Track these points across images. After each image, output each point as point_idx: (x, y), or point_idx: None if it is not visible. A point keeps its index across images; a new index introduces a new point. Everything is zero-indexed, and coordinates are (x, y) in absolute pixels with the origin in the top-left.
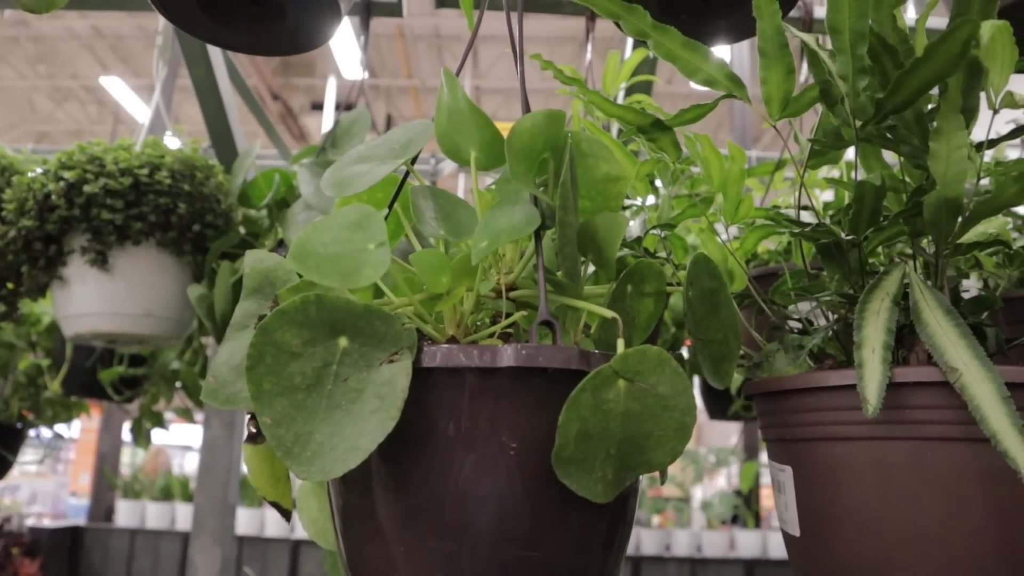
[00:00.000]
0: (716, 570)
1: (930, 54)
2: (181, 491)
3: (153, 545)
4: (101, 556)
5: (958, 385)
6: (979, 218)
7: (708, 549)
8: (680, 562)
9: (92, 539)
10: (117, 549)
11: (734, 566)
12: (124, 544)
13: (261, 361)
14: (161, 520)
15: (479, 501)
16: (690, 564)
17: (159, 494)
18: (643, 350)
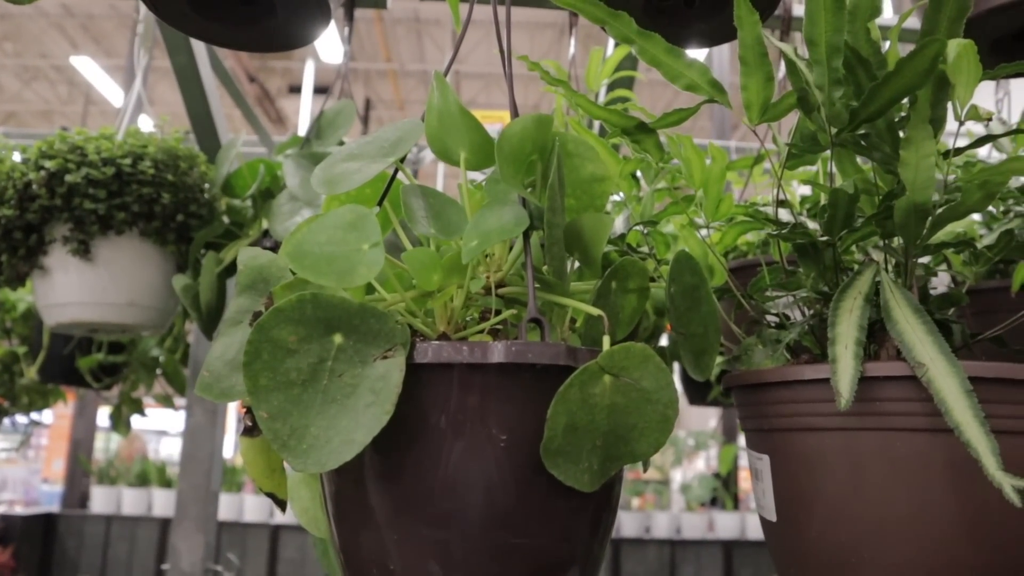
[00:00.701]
0: (695, 551)
1: (901, 69)
2: (158, 477)
3: (130, 531)
4: (76, 543)
5: (925, 379)
6: (946, 222)
7: (687, 531)
8: (660, 544)
9: (66, 526)
10: (92, 536)
11: (713, 547)
12: (100, 531)
13: (258, 357)
14: (138, 506)
15: (470, 490)
16: (670, 546)
17: (135, 480)
18: (628, 347)
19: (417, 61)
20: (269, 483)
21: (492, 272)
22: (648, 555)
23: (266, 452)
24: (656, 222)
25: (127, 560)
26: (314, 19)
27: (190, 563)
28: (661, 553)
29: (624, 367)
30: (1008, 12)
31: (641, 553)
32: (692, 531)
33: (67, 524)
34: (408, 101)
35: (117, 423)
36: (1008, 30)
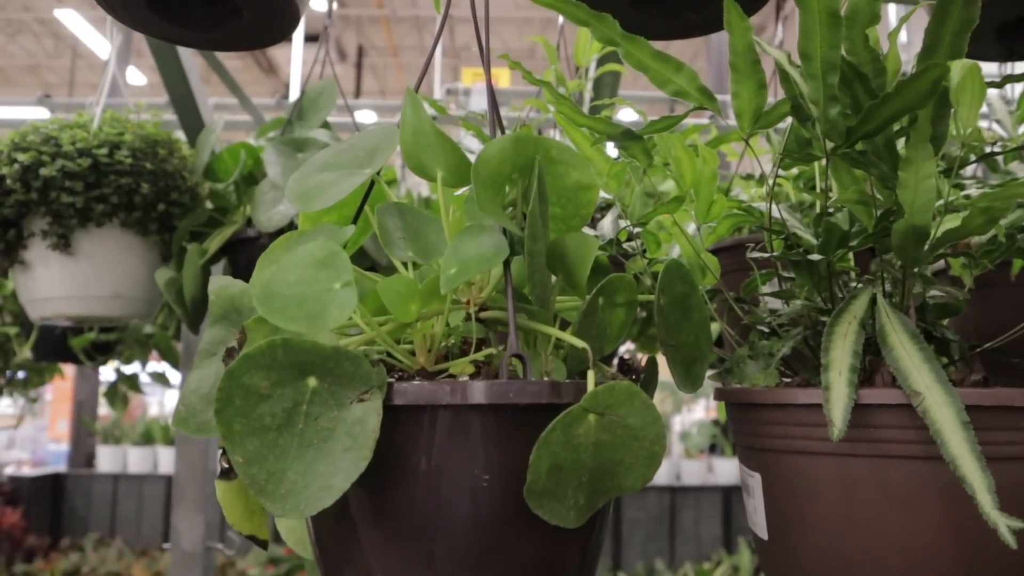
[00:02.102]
0: (695, 497)
1: (901, 89)
2: (162, 435)
3: (137, 489)
4: (84, 502)
5: (920, 409)
6: (945, 244)
7: (687, 477)
8: (660, 490)
9: (74, 485)
10: (100, 494)
11: (712, 493)
12: (107, 489)
13: (230, 404)
14: (143, 464)
15: (454, 530)
16: (669, 492)
17: (140, 439)
18: (612, 386)
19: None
20: (248, 526)
21: (473, 295)
22: (648, 501)
23: (244, 495)
24: (646, 223)
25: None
26: (281, 19)
27: (191, 542)
28: (661, 499)
29: (609, 405)
30: None
31: (642, 500)
32: (691, 477)
33: (75, 483)
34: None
35: (113, 400)
36: (1014, 15)
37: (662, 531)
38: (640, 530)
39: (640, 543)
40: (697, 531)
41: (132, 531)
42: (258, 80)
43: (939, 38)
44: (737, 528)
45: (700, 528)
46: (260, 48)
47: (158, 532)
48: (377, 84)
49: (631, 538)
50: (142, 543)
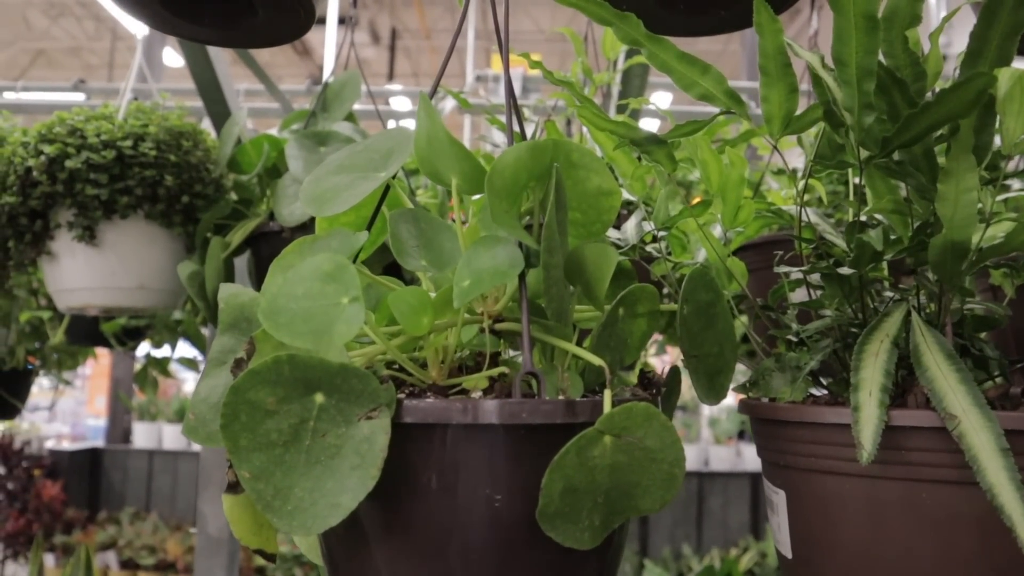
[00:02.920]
0: (723, 483)
1: (942, 98)
2: None
3: (172, 465)
4: (121, 476)
5: (956, 433)
6: (986, 260)
7: (715, 463)
8: (688, 475)
9: (111, 460)
10: (136, 469)
11: (740, 479)
12: (143, 464)
13: (236, 419)
14: (178, 441)
15: (466, 551)
16: (698, 477)
17: (174, 416)
18: (629, 408)
19: None
20: (256, 540)
21: (488, 307)
22: None
23: (251, 509)
24: (670, 227)
25: (170, 492)
26: (296, 16)
27: (217, 528)
28: (689, 484)
29: (626, 427)
30: None
31: None
32: (720, 463)
33: (112, 458)
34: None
35: (143, 384)
36: None
37: (689, 517)
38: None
39: (667, 528)
40: (725, 517)
41: (167, 506)
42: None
43: (986, 42)
44: (764, 515)
45: (728, 514)
46: (276, 45)
47: (191, 508)
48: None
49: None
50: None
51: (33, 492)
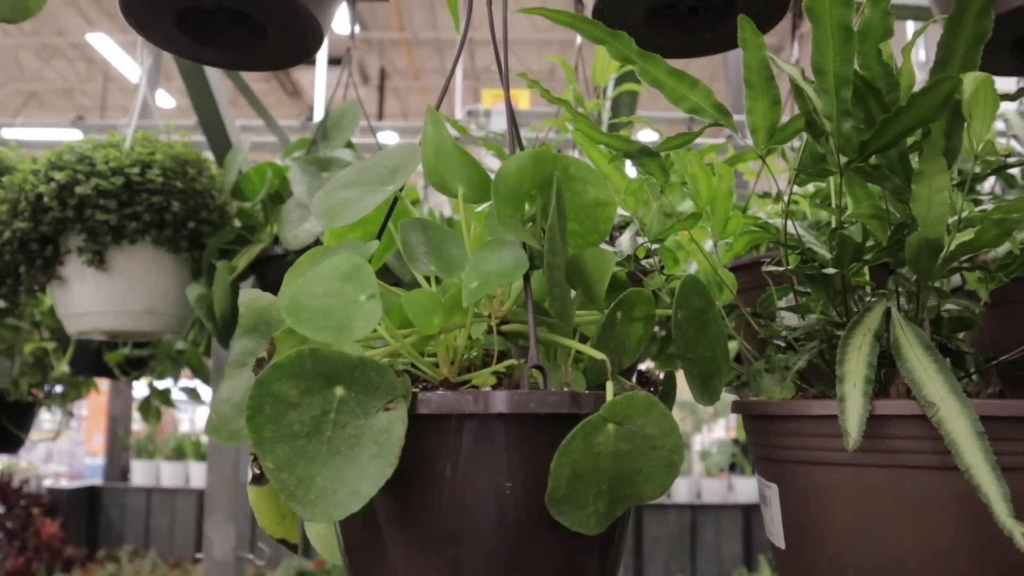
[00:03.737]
0: (715, 515)
1: (913, 103)
2: (193, 450)
3: (170, 503)
4: (119, 514)
5: (935, 420)
6: (959, 257)
7: (707, 495)
8: (681, 509)
9: (110, 498)
10: (135, 507)
11: (732, 511)
12: (141, 502)
13: (260, 411)
14: (175, 479)
15: (478, 536)
16: (690, 510)
17: (172, 454)
18: (631, 396)
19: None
20: (280, 530)
21: (495, 308)
22: (669, 519)
23: (275, 499)
24: (663, 240)
25: (168, 530)
26: (305, 39)
27: (223, 552)
28: (682, 517)
29: (627, 415)
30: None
31: (663, 518)
32: (712, 496)
33: (110, 497)
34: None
35: (147, 414)
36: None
37: (683, 549)
38: (661, 548)
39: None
40: (718, 549)
41: (165, 543)
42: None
43: (952, 51)
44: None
45: (721, 546)
46: (285, 68)
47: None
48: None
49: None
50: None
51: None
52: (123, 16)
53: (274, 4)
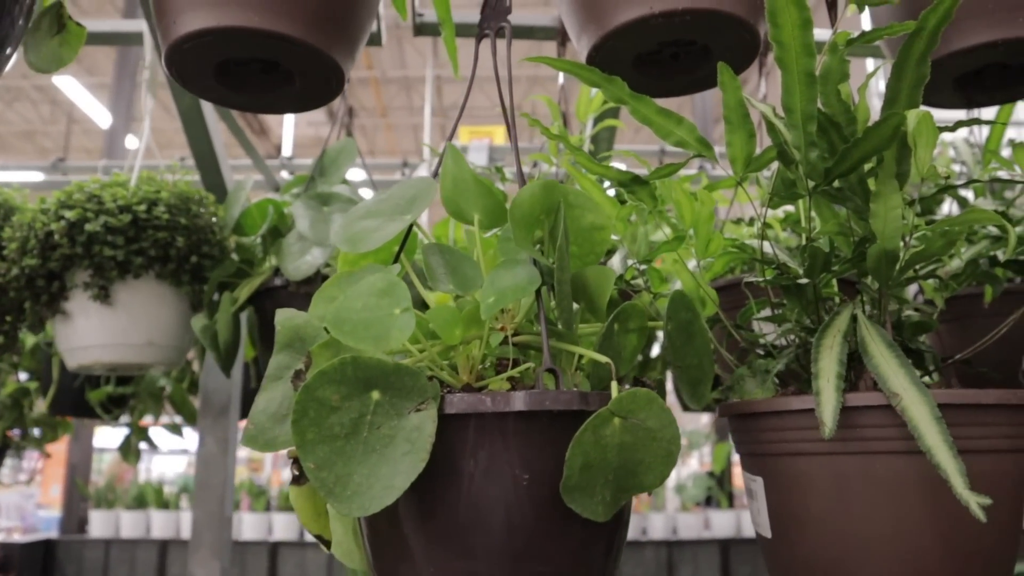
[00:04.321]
0: (692, 551)
1: (868, 135)
2: (156, 498)
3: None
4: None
5: (899, 408)
6: (913, 265)
7: (684, 531)
8: (656, 545)
9: (66, 552)
10: (92, 560)
11: (709, 546)
12: (99, 555)
13: (305, 415)
14: (136, 529)
15: (497, 525)
16: (666, 547)
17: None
18: (634, 392)
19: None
20: (316, 526)
21: (507, 321)
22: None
23: (313, 498)
24: (651, 260)
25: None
26: (329, 86)
27: None
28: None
29: (631, 410)
30: (967, 55)
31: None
32: (688, 531)
33: (66, 550)
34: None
35: (127, 453)
36: (969, 68)
37: None
38: None
39: None
40: None
41: None
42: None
43: (898, 91)
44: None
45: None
46: (308, 110)
47: None
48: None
49: None
50: None
51: None
52: (166, 69)
53: (302, 54)
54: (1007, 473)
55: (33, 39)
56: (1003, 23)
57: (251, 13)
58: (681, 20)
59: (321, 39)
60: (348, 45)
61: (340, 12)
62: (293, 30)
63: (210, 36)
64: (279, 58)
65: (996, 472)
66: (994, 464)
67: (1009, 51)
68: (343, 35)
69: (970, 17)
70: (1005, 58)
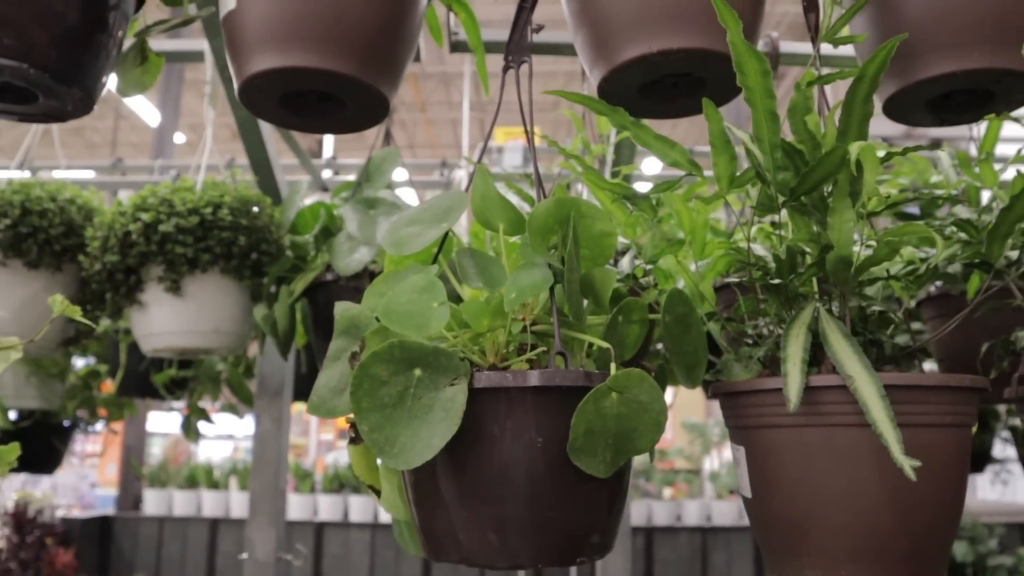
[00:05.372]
0: (725, 538)
1: (820, 162)
2: (206, 479)
3: (181, 532)
4: (131, 544)
5: (852, 388)
6: (865, 269)
7: (718, 518)
8: (691, 532)
9: (122, 527)
10: (146, 536)
11: (743, 534)
12: (153, 532)
13: (360, 388)
14: (187, 507)
15: (517, 479)
16: (701, 533)
17: (185, 482)
18: (628, 372)
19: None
20: (370, 477)
21: (527, 314)
22: (680, 542)
23: (367, 455)
24: (655, 262)
25: (180, 559)
26: (375, 110)
27: (264, 553)
28: (693, 540)
29: (626, 386)
30: (932, 83)
31: (674, 541)
32: (722, 518)
33: (122, 526)
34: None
35: (188, 431)
36: (937, 93)
37: (694, 573)
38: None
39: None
40: (729, 572)
41: (176, 573)
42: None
43: (848, 125)
44: None
45: (732, 569)
46: (357, 131)
47: (202, 573)
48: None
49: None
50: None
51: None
52: (239, 100)
53: (353, 88)
54: (948, 443)
55: (121, 69)
56: (960, 57)
57: (310, 55)
58: (676, 57)
59: (369, 75)
60: (392, 78)
61: (385, 52)
62: (345, 69)
63: (276, 74)
64: (333, 90)
65: (937, 442)
66: (935, 436)
67: (967, 80)
68: (387, 70)
69: (932, 51)
70: (965, 85)
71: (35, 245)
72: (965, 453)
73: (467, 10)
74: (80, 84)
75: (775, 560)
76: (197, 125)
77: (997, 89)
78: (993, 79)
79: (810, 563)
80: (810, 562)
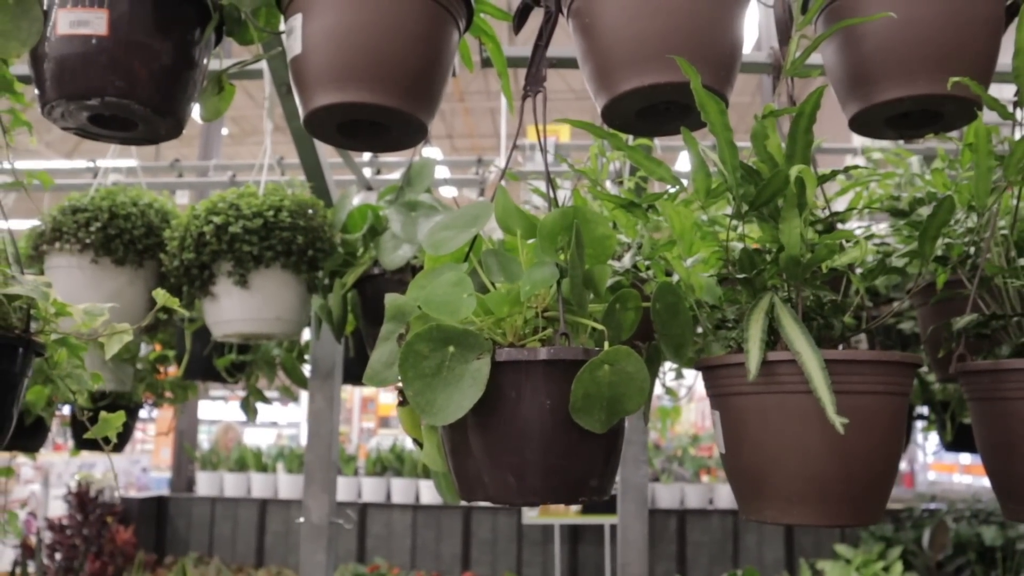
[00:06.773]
0: None
1: (769, 181)
2: (255, 462)
3: (232, 511)
4: (185, 522)
5: (800, 362)
6: (811, 267)
7: None
8: (723, 514)
9: (176, 507)
10: (199, 516)
11: None
12: (205, 511)
13: (406, 361)
14: (238, 489)
15: (530, 434)
16: (732, 515)
17: (235, 465)
18: (618, 348)
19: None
20: (415, 432)
21: (540, 303)
22: (712, 525)
23: (412, 415)
24: (652, 258)
25: (231, 537)
26: (415, 134)
27: (319, 516)
28: (724, 523)
29: (616, 359)
30: (886, 105)
31: (706, 523)
32: None
33: (176, 506)
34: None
35: (248, 410)
36: (894, 113)
37: (725, 554)
38: (704, 553)
39: (704, 565)
40: (760, 554)
41: (228, 550)
42: None
43: (793, 151)
44: (799, 551)
45: (763, 551)
46: (398, 151)
47: (252, 551)
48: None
49: (696, 561)
50: (237, 561)
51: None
52: (305, 128)
53: (397, 117)
54: (882, 407)
55: (203, 98)
56: (908, 84)
57: (363, 92)
58: (664, 89)
59: (410, 106)
60: (429, 107)
61: (423, 87)
62: (391, 103)
63: (336, 108)
64: (380, 119)
65: (871, 406)
66: (870, 401)
67: (915, 103)
68: (425, 102)
69: (886, 79)
70: (914, 107)
71: (121, 245)
72: (899, 416)
73: (494, 40)
74: (173, 113)
75: (744, 503)
76: (239, 117)
77: (944, 110)
78: (937, 103)
79: (769, 504)
80: (769, 504)
